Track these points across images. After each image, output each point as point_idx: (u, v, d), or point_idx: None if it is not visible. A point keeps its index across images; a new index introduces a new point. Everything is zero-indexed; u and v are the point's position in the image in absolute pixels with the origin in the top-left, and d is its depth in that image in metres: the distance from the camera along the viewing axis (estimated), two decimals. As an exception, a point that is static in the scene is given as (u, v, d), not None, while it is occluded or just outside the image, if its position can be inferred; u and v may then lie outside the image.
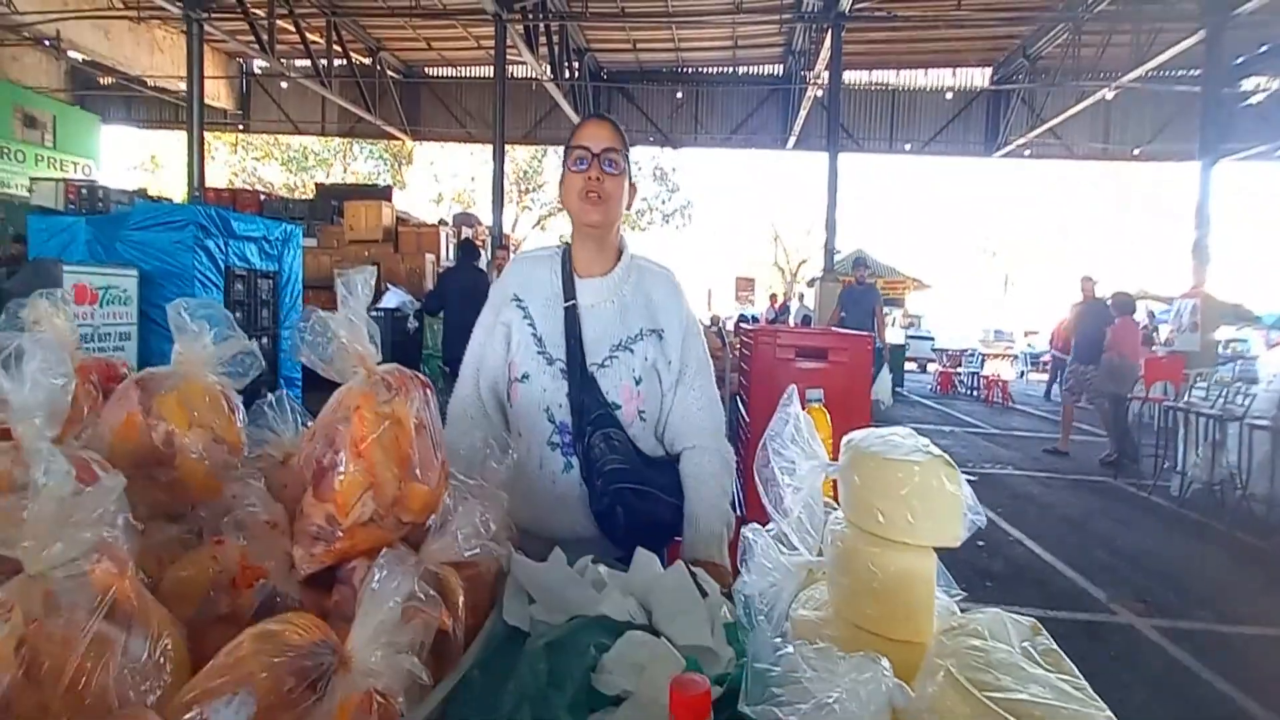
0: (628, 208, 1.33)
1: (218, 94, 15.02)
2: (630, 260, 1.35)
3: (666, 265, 1.40)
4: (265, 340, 6.48)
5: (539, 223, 23.29)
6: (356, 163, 24.62)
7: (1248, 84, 12.01)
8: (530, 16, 10.53)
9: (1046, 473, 6.59)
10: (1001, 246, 27.20)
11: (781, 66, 13.80)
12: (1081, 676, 0.38)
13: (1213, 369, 6.97)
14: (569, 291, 1.31)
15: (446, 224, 11.50)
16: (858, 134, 13.81)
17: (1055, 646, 0.41)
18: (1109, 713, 0.34)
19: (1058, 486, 6.12)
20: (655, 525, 1.23)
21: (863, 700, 0.35)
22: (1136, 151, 13.47)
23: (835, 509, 0.73)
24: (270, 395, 1.11)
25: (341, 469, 0.80)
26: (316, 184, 15.67)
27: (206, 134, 11.37)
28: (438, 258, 9.91)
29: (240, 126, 16.68)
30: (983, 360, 13.73)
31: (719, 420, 1.35)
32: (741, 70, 14.23)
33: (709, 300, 17.00)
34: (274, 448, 1.08)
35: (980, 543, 3.94)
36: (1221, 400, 4.94)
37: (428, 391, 0.92)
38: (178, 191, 20.75)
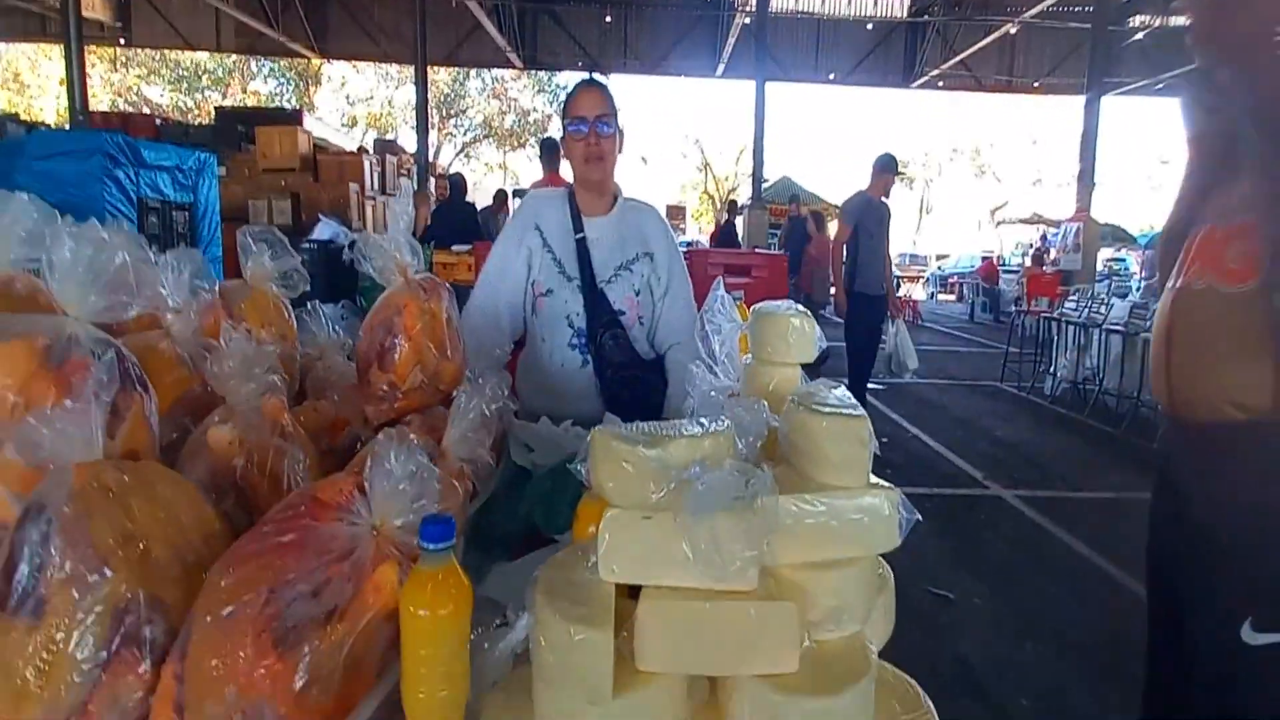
0: (620, 152, 1.63)
1: (92, 3, 13.49)
2: (623, 201, 1.69)
3: (650, 202, 1.74)
4: (186, 275, 6.30)
5: (463, 150, 22.46)
6: (256, 82, 22.77)
7: (1136, 22, 12.84)
8: (447, -73, 9.97)
9: (945, 380, 7.39)
10: (919, 174, 28.36)
11: (709, -11, 13.65)
12: (863, 410, 0.74)
13: (1090, 285, 7.87)
14: (578, 226, 1.63)
15: (368, 152, 11.08)
16: (784, 62, 13.95)
17: (848, 395, 0.77)
18: (860, 414, 0.70)
19: (954, 392, 6.91)
20: (650, 407, 1.59)
21: (754, 415, 0.71)
22: (1037, 84, 14.27)
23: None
24: (308, 304, 1.36)
25: (399, 348, 1.10)
26: (217, 107, 14.55)
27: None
28: (362, 188, 9.63)
29: (121, 40, 15.11)
30: (898, 283, 14.68)
31: (695, 322, 1.70)
32: (670, -7, 13.98)
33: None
34: (310, 346, 1.35)
35: (884, 439, 4.55)
36: (1087, 310, 5.71)
37: (451, 294, 1.22)
38: (50, 113, 18.74)
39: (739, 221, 10.87)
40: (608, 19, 13.81)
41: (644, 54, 14.27)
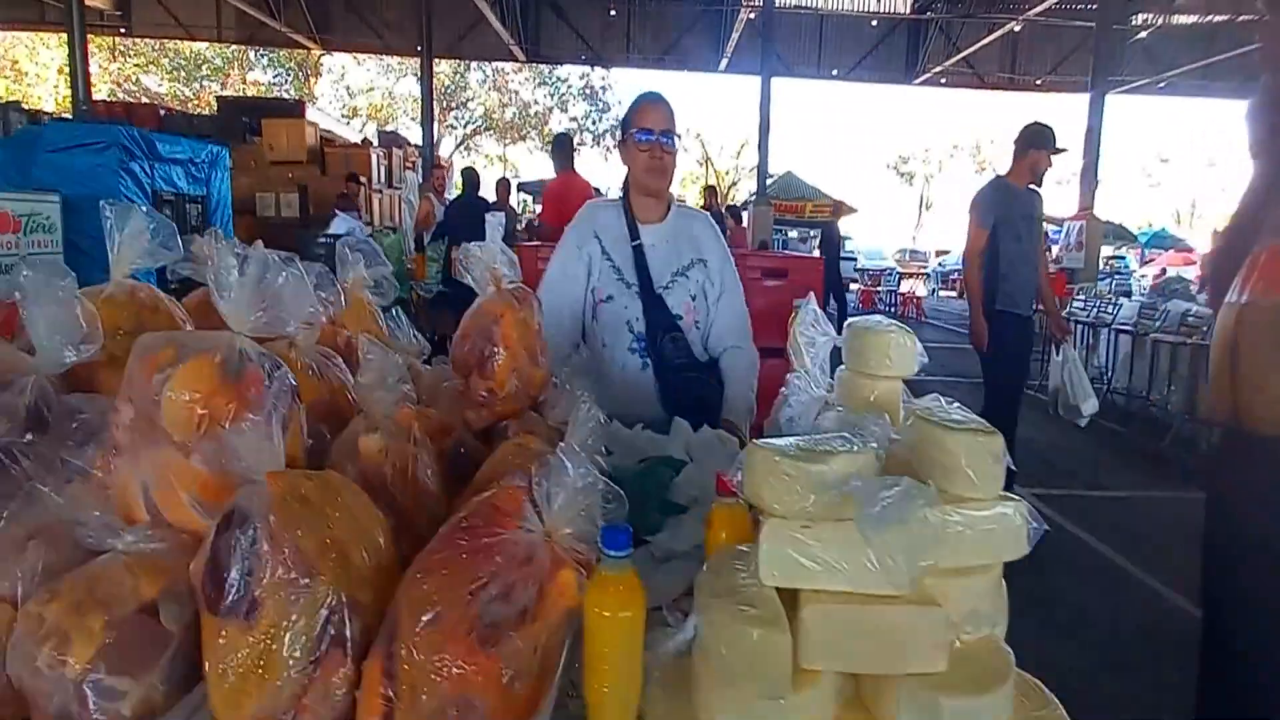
0: (675, 167, 1.68)
1: (91, -10, 13.37)
2: (677, 208, 1.75)
3: (702, 210, 1.79)
4: (199, 268, 6.33)
5: (463, 142, 22.38)
6: (255, 72, 22.61)
7: (1139, 20, 12.89)
8: (453, -81, 9.92)
9: (953, 378, 7.46)
10: (919, 170, 28.42)
11: (713, -16, 13.61)
12: (982, 420, 0.79)
13: (1093, 284, 7.94)
14: (634, 233, 1.69)
15: (372, 143, 11.05)
16: (787, 58, 13.94)
17: (964, 406, 0.82)
18: (993, 430, 0.75)
19: (962, 389, 6.97)
20: (708, 407, 1.63)
21: (881, 429, 0.75)
22: (1039, 82, 14.31)
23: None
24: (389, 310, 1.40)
25: (498, 357, 1.14)
26: (218, 97, 14.45)
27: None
28: (369, 180, 9.62)
29: (121, 30, 14.98)
30: (899, 279, 14.75)
31: (748, 327, 1.76)
32: (673, -13, 13.94)
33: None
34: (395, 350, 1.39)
35: (897, 436, 4.62)
36: (1095, 310, 5.78)
37: (539, 303, 1.26)
38: (49, 102, 18.54)
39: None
40: (611, 12, 13.77)
41: (646, 48, 14.24)
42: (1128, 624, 2.76)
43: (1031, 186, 3.55)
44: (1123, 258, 16.10)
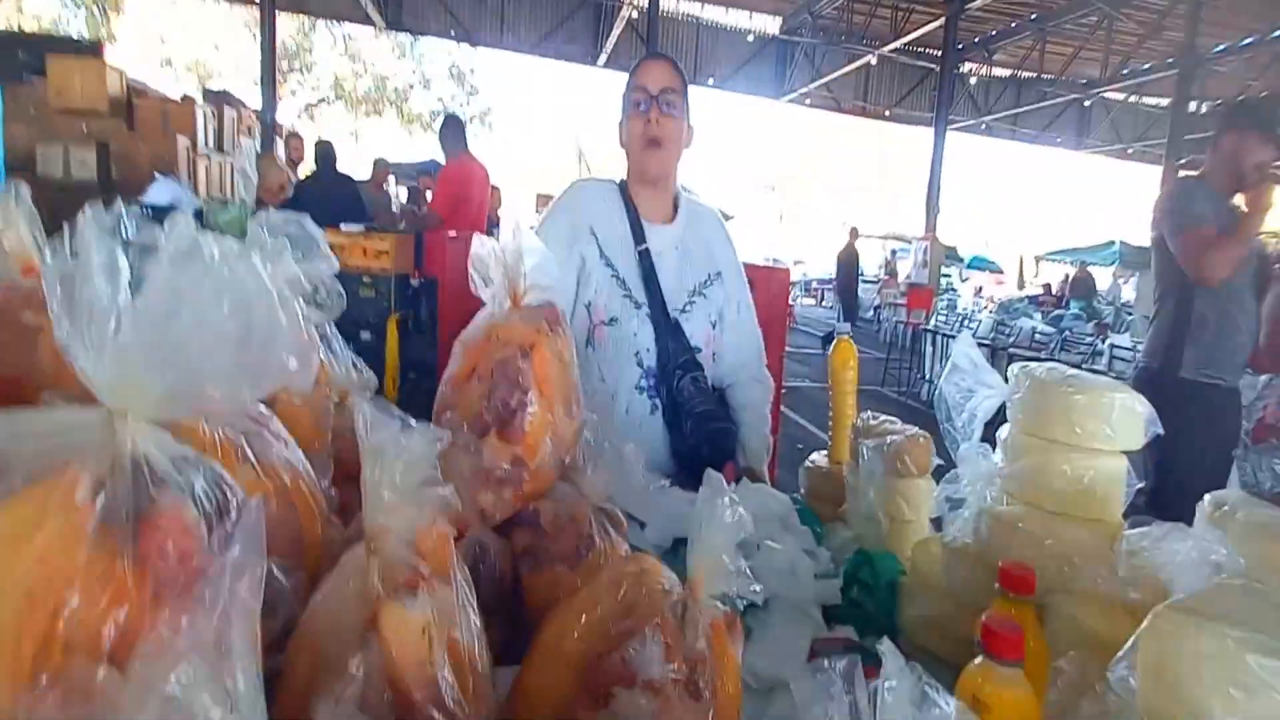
0: (686, 146, 1.32)
1: None
2: (686, 203, 1.38)
3: (710, 204, 1.44)
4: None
5: (307, 110, 20.05)
6: (32, 1, 18.77)
7: (966, 68, 14.53)
8: None
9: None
10: (779, 182, 30.03)
11: (594, -22, 13.28)
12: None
13: (940, 299, 8.63)
14: (639, 235, 1.29)
15: (194, 100, 9.46)
16: (665, 60, 13.95)
17: None
18: None
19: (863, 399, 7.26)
20: (722, 453, 1.31)
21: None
22: (888, 112, 15.62)
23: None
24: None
25: (529, 409, 0.75)
26: (-17, 24, 11.75)
27: None
28: (194, 144, 8.21)
29: None
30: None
31: (763, 351, 1.45)
32: (554, -25, 13.41)
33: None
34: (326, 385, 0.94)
35: (799, 445, 4.62)
36: (958, 324, 6.24)
37: (566, 322, 0.88)
38: None
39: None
40: (486, -12, 12.97)
41: (522, 32, 13.60)
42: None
43: (1236, 198, 2.12)
44: (948, 275, 18.03)
